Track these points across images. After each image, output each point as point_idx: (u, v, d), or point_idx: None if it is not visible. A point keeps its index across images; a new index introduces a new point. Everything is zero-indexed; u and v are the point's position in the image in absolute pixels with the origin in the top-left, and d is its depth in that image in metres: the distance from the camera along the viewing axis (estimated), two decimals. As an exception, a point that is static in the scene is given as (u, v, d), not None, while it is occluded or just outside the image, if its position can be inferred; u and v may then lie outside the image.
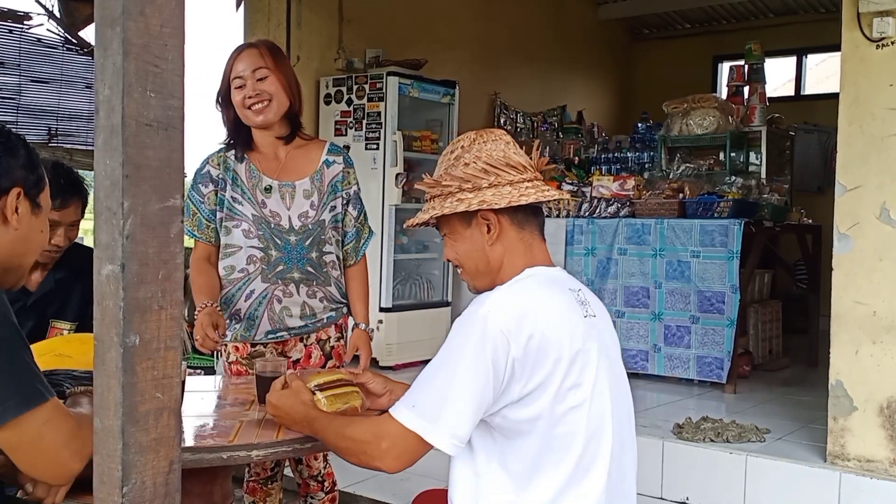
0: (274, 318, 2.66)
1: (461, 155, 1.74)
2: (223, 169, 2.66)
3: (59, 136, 5.68)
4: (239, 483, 4.11)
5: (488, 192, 1.69)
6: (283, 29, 5.70)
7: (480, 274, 1.78)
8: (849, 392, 3.58)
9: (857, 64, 3.57)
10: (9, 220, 1.60)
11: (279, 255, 2.63)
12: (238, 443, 1.95)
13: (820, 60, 9.37)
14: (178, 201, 1.01)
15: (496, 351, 1.55)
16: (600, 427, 1.64)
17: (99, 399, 1.00)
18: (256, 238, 2.62)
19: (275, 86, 2.60)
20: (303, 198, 2.66)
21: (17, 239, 1.62)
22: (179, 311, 1.02)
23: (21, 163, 1.63)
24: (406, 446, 1.58)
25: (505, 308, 1.60)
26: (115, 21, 0.95)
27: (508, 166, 1.71)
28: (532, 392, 1.58)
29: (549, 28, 8.43)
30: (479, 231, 1.73)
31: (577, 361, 1.61)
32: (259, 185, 2.65)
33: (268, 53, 2.62)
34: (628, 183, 5.63)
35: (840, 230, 3.61)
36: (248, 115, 2.61)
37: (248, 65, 2.59)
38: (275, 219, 2.63)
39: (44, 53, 5.72)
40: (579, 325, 1.65)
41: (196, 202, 2.67)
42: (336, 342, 2.77)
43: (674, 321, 5.20)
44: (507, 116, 7.83)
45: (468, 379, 1.56)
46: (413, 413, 1.58)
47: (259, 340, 2.69)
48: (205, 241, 2.69)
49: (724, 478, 3.78)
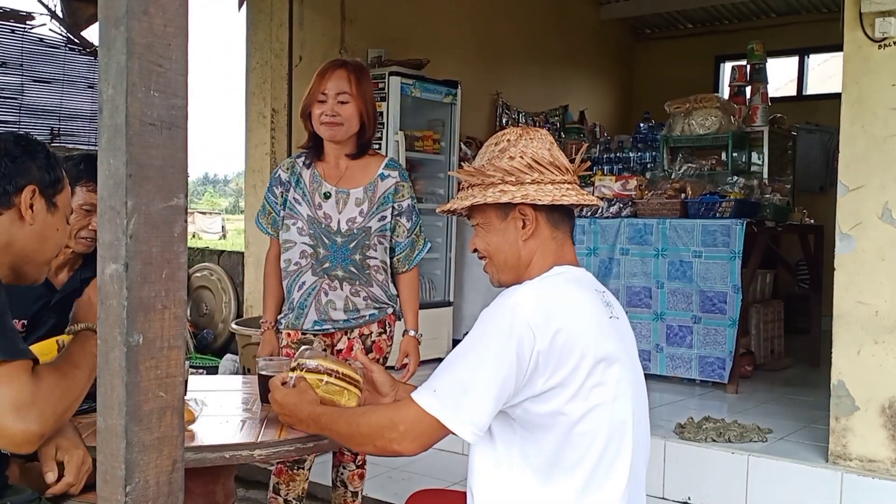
0: (320, 310, 2.90)
1: (507, 148, 1.75)
2: (290, 173, 2.96)
3: (62, 136, 5.69)
4: (242, 482, 4.12)
5: (531, 188, 1.71)
6: (286, 29, 5.70)
7: (508, 268, 1.78)
8: (851, 392, 3.58)
9: (859, 64, 3.57)
10: (24, 216, 1.72)
11: (326, 253, 2.88)
12: (240, 442, 1.95)
13: (822, 60, 9.36)
14: (182, 200, 1.01)
15: (521, 343, 1.56)
16: (622, 428, 1.64)
17: (102, 398, 1.01)
18: (308, 236, 2.89)
19: (351, 111, 2.85)
20: (354, 205, 2.90)
21: (32, 234, 1.74)
22: (183, 311, 1.02)
23: (39, 164, 1.76)
24: (424, 429, 1.59)
25: (533, 301, 1.61)
26: (119, 21, 0.95)
27: (553, 166, 1.73)
28: (555, 387, 1.58)
29: (551, 28, 8.43)
30: (514, 225, 1.74)
31: (602, 360, 1.61)
32: (319, 189, 2.92)
33: (354, 79, 2.88)
34: (630, 183, 5.63)
35: (842, 230, 3.60)
36: (320, 129, 2.89)
37: (335, 86, 2.85)
38: (326, 220, 2.89)
39: (46, 53, 5.73)
40: (605, 325, 1.67)
41: (271, 203, 2.98)
42: (378, 337, 2.97)
43: (676, 321, 5.20)
44: (509, 116, 7.83)
45: (492, 368, 1.56)
46: (434, 398, 1.59)
47: (308, 329, 2.92)
48: (277, 237, 2.98)
49: (726, 478, 3.78)
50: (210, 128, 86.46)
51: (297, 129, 5.77)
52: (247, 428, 2.09)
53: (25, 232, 1.74)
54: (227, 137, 44.92)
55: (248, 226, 5.96)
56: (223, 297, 6.25)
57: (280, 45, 5.72)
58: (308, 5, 5.82)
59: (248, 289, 5.85)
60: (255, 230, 5.81)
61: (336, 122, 2.85)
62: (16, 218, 1.73)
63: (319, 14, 5.91)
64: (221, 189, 52.81)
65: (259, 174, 5.76)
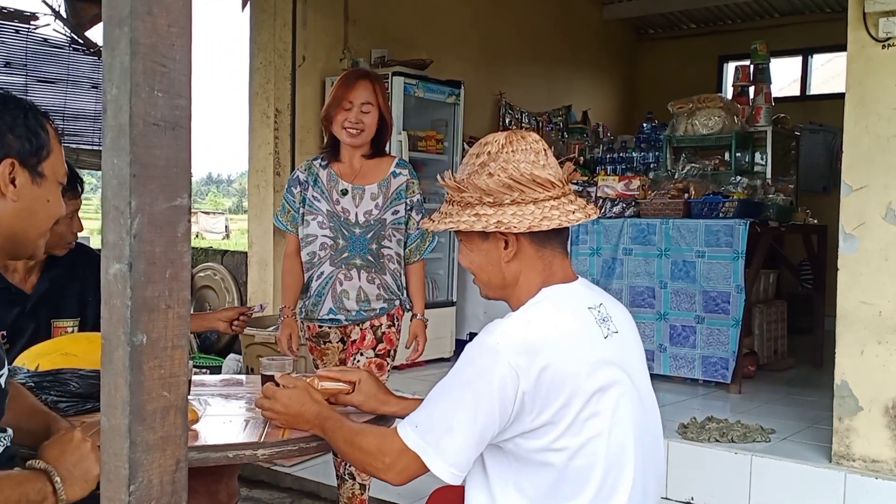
0: (335, 298, 3.14)
1: (487, 162, 1.64)
2: (308, 173, 3.21)
3: (66, 136, 5.70)
4: (245, 482, 4.13)
5: (509, 211, 1.61)
6: (289, 29, 5.71)
7: (493, 286, 1.72)
8: (854, 392, 3.58)
9: (862, 64, 3.57)
10: (4, 193, 1.55)
11: (345, 244, 3.14)
12: (244, 441, 1.95)
13: (826, 60, 9.35)
14: (186, 200, 1.01)
15: (504, 386, 1.51)
16: (621, 456, 1.59)
17: (106, 398, 1.01)
18: (328, 229, 3.14)
19: (373, 119, 3.12)
20: (369, 199, 3.16)
21: (17, 211, 1.57)
22: (186, 310, 1.03)
23: (18, 132, 1.56)
24: (407, 464, 1.59)
25: (517, 340, 1.54)
26: (123, 21, 0.95)
27: (535, 183, 1.61)
28: (545, 424, 1.53)
29: (554, 28, 8.43)
30: (497, 246, 1.66)
31: (597, 392, 1.56)
32: (336, 187, 3.17)
33: (378, 90, 3.14)
34: (633, 183, 5.62)
35: (846, 230, 3.60)
36: (341, 134, 3.12)
37: (361, 96, 3.09)
38: (344, 214, 3.14)
39: (50, 53, 5.74)
40: (598, 351, 1.60)
41: (290, 202, 3.22)
42: (387, 329, 3.20)
43: (679, 321, 5.19)
44: (512, 116, 7.83)
45: (471, 412, 1.53)
46: (416, 434, 1.58)
47: (324, 317, 3.16)
48: (295, 234, 3.23)
49: (729, 478, 3.78)
50: (214, 128, 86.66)
51: (301, 129, 5.78)
52: (250, 427, 2.09)
53: (9, 209, 1.56)
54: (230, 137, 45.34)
55: (251, 226, 5.97)
56: (226, 296, 6.26)
57: (283, 46, 5.73)
58: (311, 6, 5.83)
59: (252, 289, 5.86)
60: (259, 230, 5.84)
61: (359, 129, 3.09)
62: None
63: (323, 14, 5.92)
64: (225, 189, 52.88)
65: (262, 174, 5.77)
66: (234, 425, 2.13)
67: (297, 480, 4.21)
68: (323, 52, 5.95)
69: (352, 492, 3.16)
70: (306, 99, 5.84)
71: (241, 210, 35.43)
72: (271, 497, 4.12)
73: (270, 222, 5.67)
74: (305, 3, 5.79)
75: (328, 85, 5.91)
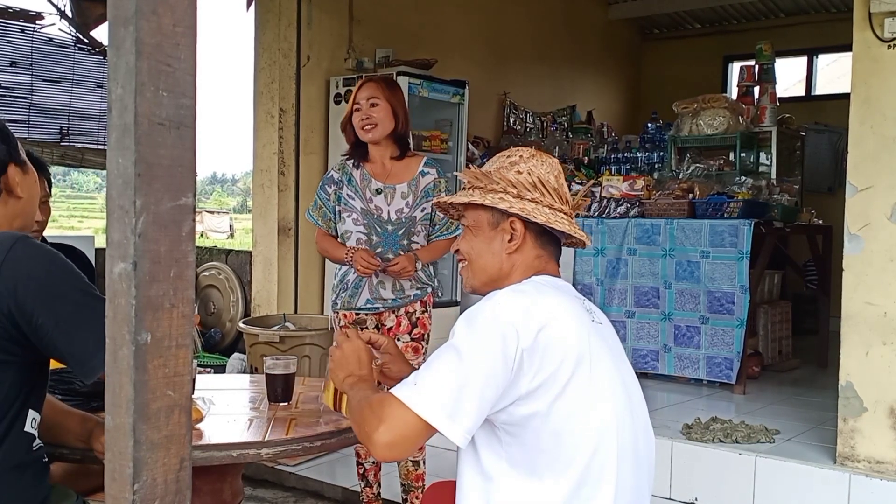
0: (372, 289, 3.33)
1: (517, 162, 1.79)
2: (342, 173, 3.40)
3: (71, 135, 5.71)
4: (249, 481, 4.13)
5: (529, 205, 1.74)
6: (294, 29, 5.71)
7: (485, 275, 1.79)
8: (859, 393, 3.57)
9: (868, 64, 3.56)
10: (15, 192, 1.79)
11: (378, 240, 3.33)
12: (248, 440, 1.96)
13: (831, 60, 9.33)
14: (190, 200, 1.01)
15: (506, 341, 1.54)
16: (605, 434, 1.60)
17: (111, 396, 1.01)
18: (362, 225, 3.33)
19: (383, 112, 3.30)
20: (400, 198, 3.36)
21: (27, 203, 1.83)
22: (191, 309, 1.03)
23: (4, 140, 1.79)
24: (405, 431, 1.52)
25: (514, 301, 1.60)
26: (128, 20, 0.95)
27: (555, 192, 1.77)
28: (538, 388, 1.56)
29: (558, 28, 8.42)
30: (502, 237, 1.76)
31: (584, 361, 1.59)
32: (369, 186, 3.37)
33: (383, 86, 3.35)
34: (638, 183, 5.62)
35: (851, 231, 3.59)
36: (360, 133, 3.32)
37: (366, 94, 3.31)
38: (377, 212, 3.34)
39: (56, 53, 5.75)
40: (586, 327, 1.65)
41: (322, 199, 3.41)
42: (421, 315, 3.41)
43: (683, 321, 5.19)
44: (516, 116, 7.82)
45: (478, 373, 1.52)
46: (422, 398, 1.52)
47: (361, 307, 3.35)
48: (325, 228, 3.43)
49: (733, 479, 3.77)
50: (218, 127, 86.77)
51: (305, 129, 5.78)
52: (254, 427, 2.10)
53: (21, 205, 1.81)
54: (235, 137, 45.33)
55: (255, 225, 5.97)
56: (231, 296, 6.26)
57: (288, 45, 5.73)
58: (316, 5, 5.83)
59: (256, 288, 5.86)
60: (263, 229, 5.84)
61: (370, 122, 3.28)
62: (8, 198, 1.78)
63: (328, 14, 5.92)
64: (229, 188, 52.88)
65: (267, 174, 5.77)
66: (238, 424, 2.13)
67: (300, 480, 4.21)
68: (328, 51, 5.95)
69: (406, 468, 3.43)
70: (311, 99, 5.83)
71: (246, 209, 35.44)
72: (275, 496, 4.13)
73: (275, 222, 5.68)
74: (310, 3, 5.79)
75: (333, 85, 5.92)
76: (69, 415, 1.93)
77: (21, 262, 1.58)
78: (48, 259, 1.63)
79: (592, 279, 5.51)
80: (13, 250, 1.59)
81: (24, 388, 1.64)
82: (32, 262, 1.60)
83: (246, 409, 2.32)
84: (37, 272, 1.59)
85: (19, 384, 1.62)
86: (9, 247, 1.60)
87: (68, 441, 1.88)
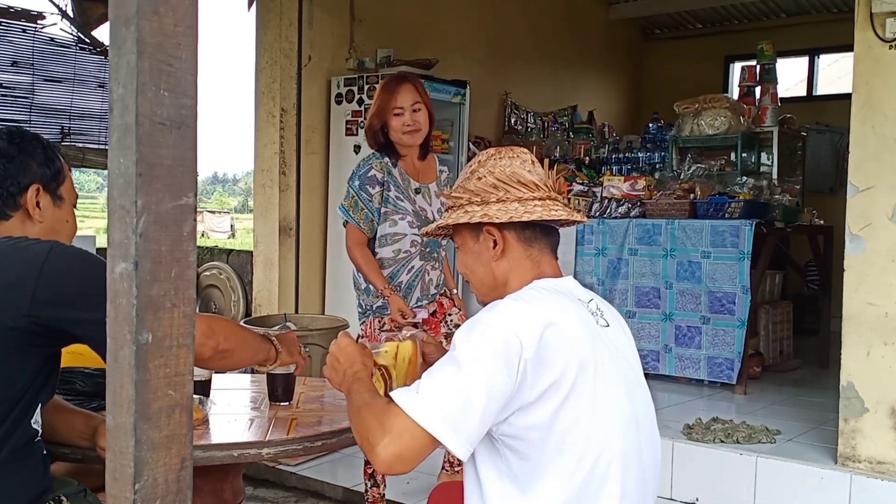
0: (423, 287, 3.46)
1: (476, 169, 1.78)
2: (385, 173, 3.36)
3: (72, 135, 5.71)
4: (250, 481, 4.13)
5: (494, 207, 1.72)
6: (295, 29, 5.71)
7: (487, 288, 1.79)
8: (860, 393, 3.57)
9: (869, 64, 3.56)
10: (32, 215, 1.78)
11: (427, 240, 3.41)
12: (249, 440, 1.96)
13: (832, 61, 9.32)
14: (191, 199, 1.02)
15: (508, 351, 1.51)
16: (607, 441, 1.58)
17: (112, 396, 1.01)
18: (417, 227, 3.36)
19: (424, 116, 3.36)
20: (435, 196, 3.44)
21: (43, 232, 1.79)
22: (192, 309, 1.03)
23: (38, 160, 1.79)
24: (410, 442, 1.49)
25: (515, 310, 1.58)
26: (130, 20, 0.95)
27: (519, 183, 1.72)
28: (539, 397, 1.53)
29: (560, 28, 8.42)
30: (486, 246, 1.75)
31: (588, 368, 1.57)
32: (409, 186, 3.40)
33: (422, 89, 3.39)
34: (639, 183, 5.62)
35: (852, 231, 3.59)
36: (402, 139, 3.33)
37: (408, 99, 3.32)
38: (423, 213, 3.39)
39: (57, 53, 5.75)
40: (590, 332, 1.63)
41: (365, 201, 3.34)
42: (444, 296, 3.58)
43: (684, 321, 5.19)
44: (517, 116, 7.82)
45: (482, 383, 1.50)
46: (425, 409, 1.50)
47: (412, 306, 3.40)
48: (366, 231, 3.36)
49: (734, 479, 3.77)
50: (219, 127, 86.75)
51: (306, 129, 5.78)
52: (255, 426, 2.10)
53: (36, 230, 1.78)
54: (236, 137, 45.31)
55: (256, 225, 5.97)
56: (232, 295, 6.26)
57: (289, 45, 5.73)
58: (317, 5, 5.83)
59: (257, 287, 5.86)
60: (264, 229, 5.84)
61: (416, 128, 3.32)
62: (25, 218, 1.77)
63: (329, 14, 5.92)
64: (231, 188, 52.91)
65: (268, 173, 5.77)
66: (239, 424, 2.14)
67: (301, 479, 4.22)
68: (329, 51, 5.95)
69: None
70: (312, 98, 5.84)
71: (247, 209, 35.45)
72: (276, 496, 4.13)
73: (276, 221, 5.68)
74: (311, 3, 5.79)
75: (334, 85, 5.92)
76: (74, 413, 1.95)
77: (61, 258, 1.65)
78: (84, 257, 1.70)
79: (593, 279, 5.50)
80: (52, 252, 1.66)
81: (38, 380, 1.69)
82: (71, 261, 1.67)
83: (247, 409, 2.32)
84: (77, 268, 1.66)
85: (35, 374, 1.68)
86: (48, 248, 1.67)
87: (73, 439, 1.89)
